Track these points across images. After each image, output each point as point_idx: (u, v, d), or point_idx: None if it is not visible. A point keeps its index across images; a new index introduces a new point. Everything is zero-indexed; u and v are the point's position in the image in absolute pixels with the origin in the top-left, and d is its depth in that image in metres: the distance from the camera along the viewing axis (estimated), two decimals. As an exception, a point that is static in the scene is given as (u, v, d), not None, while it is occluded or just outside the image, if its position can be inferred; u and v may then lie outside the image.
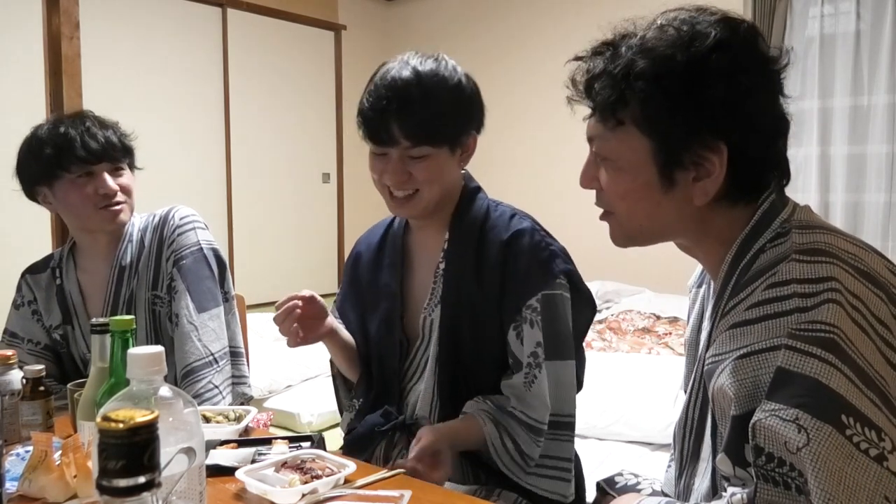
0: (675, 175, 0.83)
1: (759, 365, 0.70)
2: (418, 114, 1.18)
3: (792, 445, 0.64)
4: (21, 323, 1.61)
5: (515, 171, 4.52)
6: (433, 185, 1.24)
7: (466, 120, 1.26)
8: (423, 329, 1.30)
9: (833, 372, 0.66)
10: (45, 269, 1.63)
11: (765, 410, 0.67)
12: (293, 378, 3.16)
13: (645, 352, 3.14)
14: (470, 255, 1.26)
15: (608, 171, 0.89)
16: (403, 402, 1.32)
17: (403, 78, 1.19)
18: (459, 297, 1.26)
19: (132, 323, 0.92)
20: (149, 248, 1.57)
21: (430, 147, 1.20)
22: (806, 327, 0.69)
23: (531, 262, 1.22)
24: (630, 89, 0.81)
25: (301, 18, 4.58)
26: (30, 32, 3.36)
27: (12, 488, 1.01)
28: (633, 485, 1.19)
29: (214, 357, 1.50)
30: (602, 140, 0.88)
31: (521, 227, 1.25)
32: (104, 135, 1.50)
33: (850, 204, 3.39)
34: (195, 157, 4.09)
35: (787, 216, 0.83)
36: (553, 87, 5.11)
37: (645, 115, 0.82)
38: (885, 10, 3.24)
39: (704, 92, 0.79)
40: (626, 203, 0.89)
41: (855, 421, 0.64)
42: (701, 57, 0.79)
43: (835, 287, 0.70)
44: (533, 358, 1.20)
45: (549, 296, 1.21)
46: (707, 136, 0.80)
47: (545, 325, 1.20)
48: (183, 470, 0.71)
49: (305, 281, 4.74)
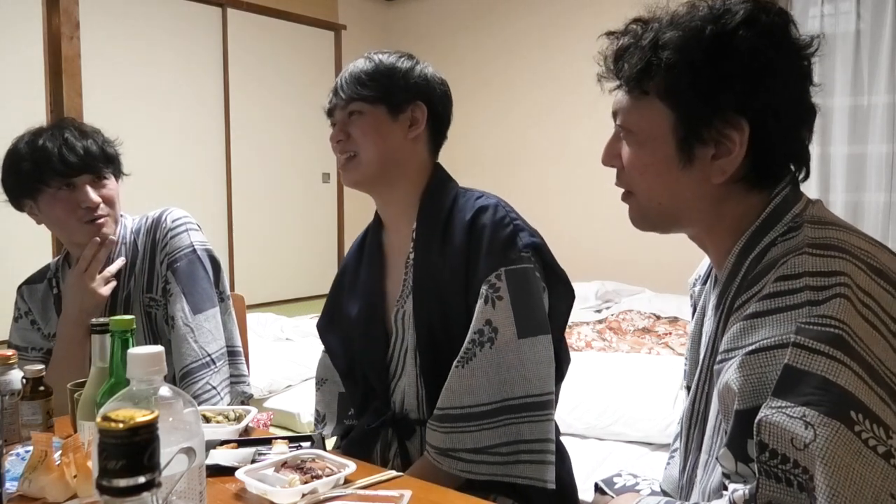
0: (695, 150, 0.83)
1: (767, 361, 0.70)
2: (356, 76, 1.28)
3: (799, 442, 0.64)
4: (21, 334, 1.62)
5: (514, 171, 4.52)
6: (368, 143, 1.26)
7: (404, 85, 1.28)
8: (397, 323, 1.29)
9: (841, 369, 0.66)
10: (42, 281, 1.64)
11: (771, 407, 0.67)
12: (293, 378, 3.16)
13: (645, 352, 3.14)
14: (437, 241, 1.25)
15: (630, 145, 0.89)
16: (390, 399, 1.31)
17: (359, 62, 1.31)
18: (428, 283, 1.25)
19: (132, 323, 0.93)
20: (143, 252, 1.56)
21: (363, 103, 1.26)
22: (815, 321, 0.68)
23: (494, 238, 1.19)
24: (656, 58, 0.82)
25: (301, 18, 4.58)
26: (30, 32, 3.36)
27: (12, 488, 1.01)
28: (632, 485, 1.18)
29: (211, 358, 1.50)
30: (625, 112, 0.88)
31: (485, 203, 1.24)
32: (83, 145, 1.47)
33: (850, 204, 3.39)
34: (195, 157, 4.09)
35: (799, 211, 0.82)
36: (553, 85, 5.11)
37: (668, 85, 0.82)
38: (885, 10, 3.24)
39: (728, 64, 0.79)
40: (645, 178, 0.89)
41: (864, 417, 0.64)
42: (728, 30, 0.79)
43: (844, 282, 0.70)
44: (478, 335, 1.16)
45: (514, 271, 1.17)
46: (728, 112, 0.80)
47: (515, 301, 1.16)
48: (183, 470, 0.71)
49: (305, 281, 4.75)
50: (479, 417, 1.15)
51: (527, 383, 1.15)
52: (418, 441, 1.27)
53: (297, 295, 4.65)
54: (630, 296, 3.81)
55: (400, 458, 1.28)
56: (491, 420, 1.15)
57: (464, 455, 1.16)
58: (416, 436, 1.28)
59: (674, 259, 4.24)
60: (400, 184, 1.30)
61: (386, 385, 1.31)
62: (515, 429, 1.15)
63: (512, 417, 1.15)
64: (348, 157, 1.28)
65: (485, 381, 1.15)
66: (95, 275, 1.49)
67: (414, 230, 1.29)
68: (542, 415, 1.16)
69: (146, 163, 3.66)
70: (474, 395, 1.15)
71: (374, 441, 1.30)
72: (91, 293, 1.49)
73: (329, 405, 1.45)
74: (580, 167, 4.33)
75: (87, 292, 1.49)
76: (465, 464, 1.15)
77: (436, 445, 1.17)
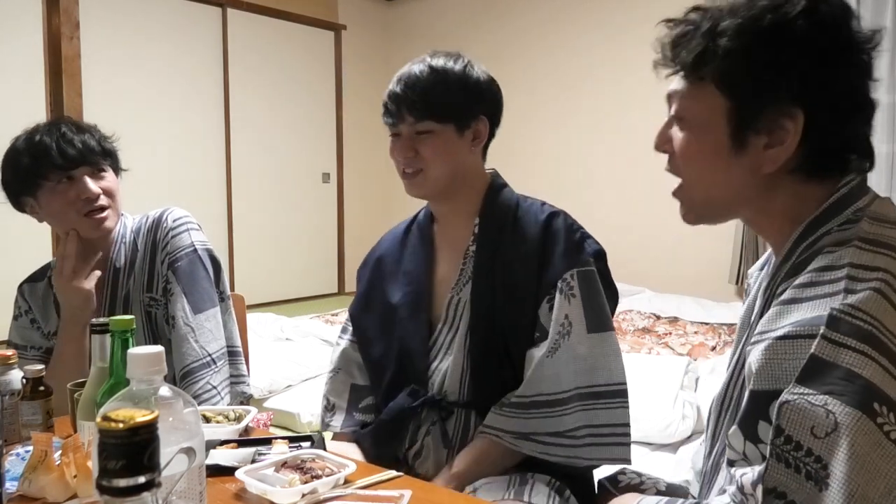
0: (748, 138, 0.83)
1: (794, 349, 0.70)
2: (423, 92, 1.29)
3: (819, 430, 0.65)
4: (21, 333, 1.62)
5: (516, 171, 4.51)
6: (438, 162, 1.31)
7: (471, 101, 1.33)
8: (449, 309, 1.35)
9: (867, 362, 0.66)
10: (42, 279, 1.64)
11: (794, 393, 0.67)
12: (293, 378, 3.16)
13: (645, 352, 3.14)
14: (506, 236, 1.33)
15: (682, 130, 0.89)
16: (428, 381, 1.34)
17: (415, 68, 1.32)
18: (493, 273, 1.32)
19: (132, 323, 0.93)
20: (143, 251, 1.56)
21: (434, 122, 1.29)
22: (848, 311, 0.68)
23: (568, 241, 1.30)
24: (714, 45, 0.82)
25: (301, 18, 4.59)
26: (30, 32, 3.36)
27: (12, 488, 1.01)
28: (637, 483, 1.18)
29: (212, 358, 1.50)
30: (680, 97, 0.88)
31: (555, 210, 1.36)
32: (81, 139, 1.48)
33: (851, 204, 3.39)
34: (195, 157, 4.09)
35: (863, 205, 0.82)
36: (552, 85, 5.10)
37: (724, 71, 0.82)
38: (885, 10, 3.25)
39: (785, 53, 0.79)
40: (695, 166, 0.89)
41: (888, 410, 0.64)
42: (787, 20, 0.79)
43: (884, 278, 0.70)
44: (561, 327, 1.25)
45: (585, 272, 1.28)
46: (784, 101, 0.80)
47: (585, 300, 1.26)
48: (183, 470, 0.71)
49: (305, 281, 4.75)
50: (561, 403, 1.24)
51: (594, 373, 1.25)
52: (454, 422, 1.32)
53: (297, 295, 4.66)
54: (630, 296, 3.82)
55: (440, 438, 1.32)
56: (568, 406, 1.24)
57: (544, 438, 1.24)
58: (454, 417, 1.32)
59: (674, 259, 4.25)
60: (461, 190, 1.37)
61: (425, 368, 1.35)
62: (585, 414, 1.24)
63: (584, 404, 1.25)
64: (415, 170, 1.33)
65: (565, 371, 1.24)
66: (70, 272, 1.49)
67: (476, 224, 1.36)
68: (619, 402, 1.27)
69: (146, 162, 3.66)
70: (557, 383, 1.24)
71: (407, 421, 1.33)
72: (74, 290, 1.49)
73: (341, 395, 1.47)
74: (581, 167, 4.33)
75: (70, 290, 1.49)
76: (545, 446, 1.24)
77: (515, 430, 1.24)
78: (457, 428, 1.32)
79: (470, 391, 1.31)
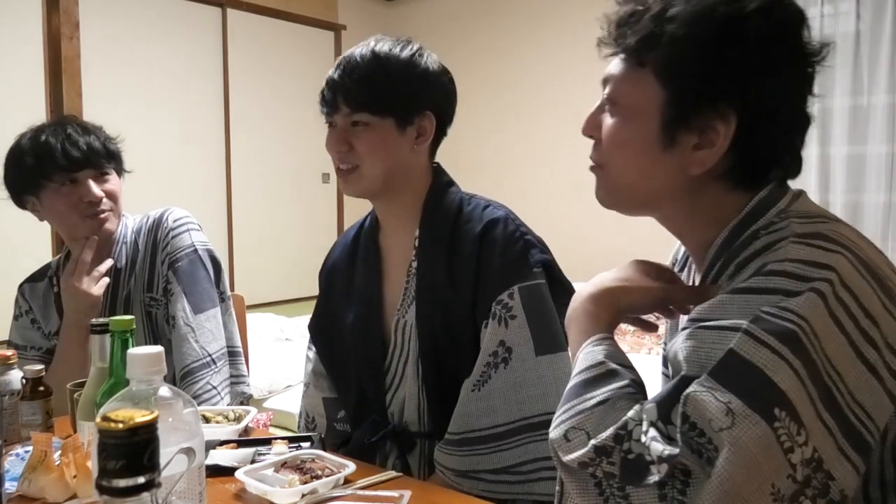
0: (678, 135, 0.80)
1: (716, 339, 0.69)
2: (360, 80, 1.17)
3: (716, 425, 0.64)
4: (21, 333, 1.62)
5: (511, 170, 4.52)
6: (374, 159, 1.19)
7: (416, 93, 1.19)
8: (396, 333, 1.24)
9: (781, 364, 0.65)
10: (43, 279, 1.64)
11: (703, 385, 0.66)
12: (293, 378, 3.16)
13: (645, 352, 3.14)
14: (442, 251, 1.20)
15: (613, 116, 0.85)
16: (387, 410, 1.27)
17: (357, 52, 1.20)
18: (433, 295, 1.20)
19: (132, 323, 0.93)
20: (143, 251, 1.56)
21: (370, 114, 1.17)
22: (775, 312, 0.67)
23: (506, 253, 1.16)
24: (661, 30, 0.78)
25: (301, 18, 4.58)
26: (30, 32, 3.36)
27: (12, 488, 1.01)
28: None
29: (212, 358, 1.50)
30: (616, 82, 0.85)
31: (495, 216, 1.20)
32: (86, 141, 1.48)
33: (850, 204, 3.39)
34: (195, 157, 4.09)
35: (784, 206, 0.80)
36: (553, 84, 5.11)
37: (667, 60, 0.79)
38: (885, 10, 3.24)
39: (732, 51, 0.76)
40: (622, 154, 0.85)
41: (787, 415, 0.64)
42: (741, 16, 0.76)
43: (828, 277, 0.68)
44: (492, 357, 1.13)
45: (530, 287, 1.15)
46: (721, 102, 0.78)
47: (531, 319, 1.13)
48: (183, 470, 0.71)
49: (305, 281, 4.74)
50: (498, 438, 1.13)
51: (545, 400, 1.12)
52: (418, 454, 1.25)
53: (297, 295, 4.65)
54: (630, 296, 3.81)
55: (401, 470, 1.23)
56: (509, 440, 1.13)
57: (485, 476, 1.13)
58: (417, 448, 1.25)
59: (674, 259, 4.24)
60: (403, 191, 1.25)
61: (382, 395, 1.27)
62: (535, 447, 1.12)
63: (532, 436, 1.12)
64: (349, 168, 1.21)
65: (502, 402, 1.13)
66: (83, 276, 1.49)
67: (416, 237, 1.24)
68: None
69: (146, 163, 3.64)
70: (491, 417, 1.13)
71: (372, 454, 1.26)
72: (84, 294, 1.49)
73: (316, 408, 1.40)
74: (580, 167, 4.33)
75: (79, 294, 1.49)
76: (487, 484, 1.13)
77: (453, 468, 1.14)
78: (421, 460, 1.24)
79: (430, 421, 1.21)
